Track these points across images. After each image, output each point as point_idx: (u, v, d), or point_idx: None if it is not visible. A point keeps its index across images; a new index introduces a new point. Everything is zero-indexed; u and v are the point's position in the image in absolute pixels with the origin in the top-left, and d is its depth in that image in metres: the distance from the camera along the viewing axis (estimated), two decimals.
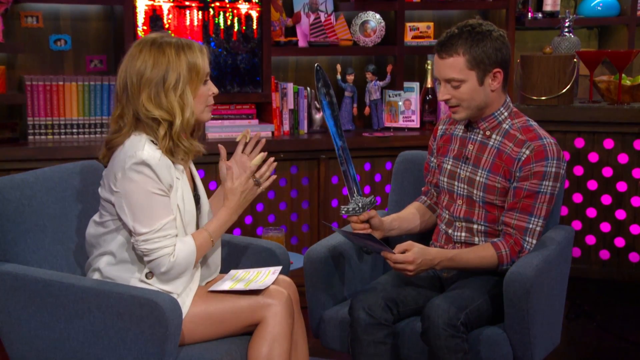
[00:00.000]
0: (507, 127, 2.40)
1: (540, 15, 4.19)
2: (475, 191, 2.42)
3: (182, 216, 2.19)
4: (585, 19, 4.29)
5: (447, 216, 2.50)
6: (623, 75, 3.47)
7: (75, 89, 3.54)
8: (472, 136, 2.45)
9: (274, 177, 2.32)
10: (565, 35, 3.68)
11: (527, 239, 2.36)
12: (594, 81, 3.55)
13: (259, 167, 2.31)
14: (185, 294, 2.18)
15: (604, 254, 3.52)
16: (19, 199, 2.23)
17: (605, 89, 3.51)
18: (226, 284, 2.23)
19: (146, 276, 2.16)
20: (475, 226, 2.44)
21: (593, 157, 3.48)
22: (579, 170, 3.50)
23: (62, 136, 3.54)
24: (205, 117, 2.24)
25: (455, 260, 2.36)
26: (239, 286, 2.20)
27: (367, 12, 3.94)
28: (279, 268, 2.32)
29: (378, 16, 3.94)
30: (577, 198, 3.52)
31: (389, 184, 3.80)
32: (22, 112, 3.56)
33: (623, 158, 3.44)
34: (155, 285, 2.15)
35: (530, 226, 2.35)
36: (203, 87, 2.20)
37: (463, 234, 2.46)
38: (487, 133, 2.42)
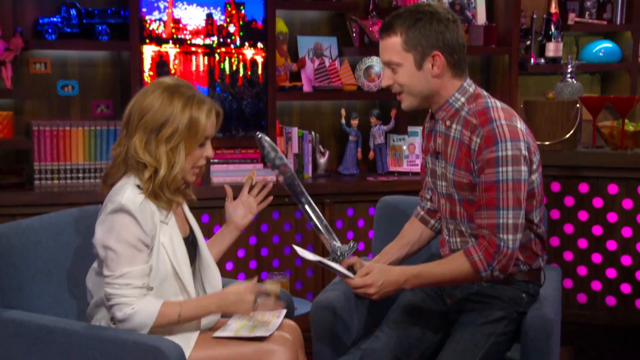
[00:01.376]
0: (464, 113, 2.19)
1: (542, 61, 4.22)
2: (451, 189, 2.24)
3: (172, 261, 2.15)
4: (588, 65, 4.32)
5: (442, 220, 2.36)
6: (626, 120, 3.49)
7: (82, 134, 3.57)
8: (438, 128, 2.27)
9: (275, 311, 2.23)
10: (568, 81, 3.71)
11: (502, 236, 2.10)
12: (597, 126, 3.56)
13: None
14: (186, 339, 2.16)
15: (610, 300, 3.50)
16: (24, 245, 2.24)
17: (609, 134, 3.52)
18: (230, 329, 2.22)
19: (111, 320, 2.13)
20: (462, 228, 2.26)
21: (597, 202, 3.47)
22: (583, 215, 3.50)
23: (68, 181, 3.56)
24: (189, 178, 2.19)
25: (424, 276, 2.14)
26: (244, 332, 2.19)
27: (371, 57, 3.98)
28: (284, 312, 2.30)
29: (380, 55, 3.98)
30: (582, 243, 3.51)
31: (372, 229, 3.78)
32: (28, 157, 3.59)
33: (628, 203, 3.43)
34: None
35: (501, 221, 2.10)
36: (198, 148, 2.16)
37: (458, 239, 2.29)
38: (447, 123, 2.22)
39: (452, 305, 2.35)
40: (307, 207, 2.40)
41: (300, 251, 2.21)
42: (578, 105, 3.51)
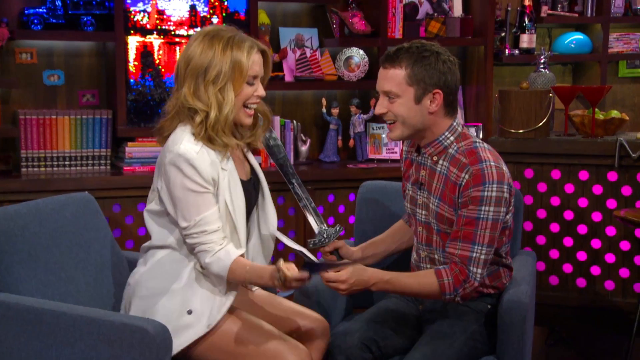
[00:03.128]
0: (452, 151, 2.25)
1: (517, 51, 4.24)
2: (431, 218, 2.29)
3: (228, 205, 2.14)
4: (560, 56, 4.35)
5: (414, 244, 2.41)
6: (596, 109, 3.52)
7: (68, 123, 3.54)
8: (423, 161, 2.32)
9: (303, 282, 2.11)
10: (541, 71, 3.73)
11: (472, 268, 2.18)
12: (569, 115, 3.59)
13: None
14: (219, 304, 2.15)
15: (581, 282, 3.54)
16: (12, 230, 2.22)
17: (580, 122, 3.55)
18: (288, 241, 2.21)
19: (200, 266, 2.14)
20: (436, 256, 2.32)
21: (569, 188, 3.50)
22: (555, 201, 3.53)
23: (55, 168, 3.53)
24: (244, 120, 2.15)
25: (393, 283, 2.19)
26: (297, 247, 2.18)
27: (351, 48, 3.98)
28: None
29: (362, 52, 3.98)
30: (555, 228, 3.54)
31: (352, 214, 3.79)
32: (15, 145, 3.56)
33: (598, 189, 3.47)
34: (207, 274, 2.14)
35: (474, 255, 2.18)
36: (248, 87, 2.13)
37: (428, 266, 2.34)
38: (435, 158, 2.27)
39: (423, 310, 2.41)
40: (298, 188, 2.41)
41: (282, 237, 2.22)
42: (551, 94, 3.54)
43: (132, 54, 3.59)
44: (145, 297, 2.17)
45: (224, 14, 3.71)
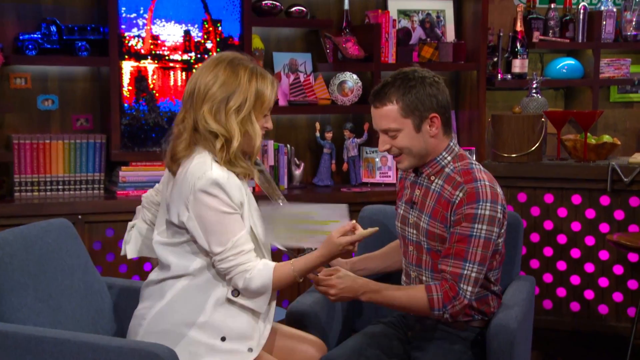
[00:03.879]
0: (449, 171, 2.25)
1: (509, 76, 4.25)
2: (421, 237, 2.29)
3: (257, 234, 2.13)
4: (552, 81, 4.36)
5: (404, 266, 2.40)
6: (588, 134, 3.52)
7: (62, 147, 3.53)
8: (420, 181, 2.32)
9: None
10: (533, 96, 3.74)
11: (462, 286, 2.16)
12: (561, 139, 3.59)
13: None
14: (255, 326, 2.14)
15: (575, 306, 3.51)
16: (1, 258, 2.18)
17: (572, 147, 3.55)
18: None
19: (232, 294, 2.10)
20: (424, 277, 2.29)
21: (562, 212, 3.49)
22: (549, 225, 3.52)
23: (48, 193, 3.51)
24: (259, 146, 2.18)
25: (382, 294, 2.19)
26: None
27: (345, 72, 3.98)
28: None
29: (355, 77, 3.99)
30: (548, 252, 3.53)
31: None
32: (9, 169, 3.53)
33: (590, 213, 3.46)
34: (240, 301, 2.10)
35: (465, 272, 2.16)
36: (262, 119, 2.14)
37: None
38: (432, 178, 2.28)
39: (412, 336, 2.38)
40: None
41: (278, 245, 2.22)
42: (543, 119, 3.54)
43: (126, 79, 3.58)
44: (168, 332, 2.11)
45: (218, 39, 3.71)
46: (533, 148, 3.50)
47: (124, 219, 3.48)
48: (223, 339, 2.10)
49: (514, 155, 3.51)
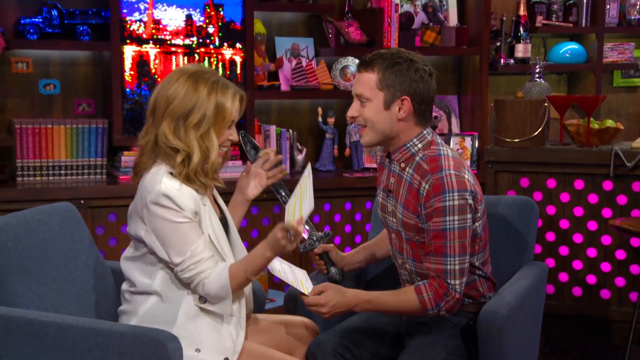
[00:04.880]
0: (418, 159, 2.23)
1: (512, 61, 4.23)
2: (399, 227, 2.28)
3: (215, 242, 2.13)
4: (555, 65, 4.34)
5: (391, 251, 2.40)
6: (591, 119, 3.51)
7: (64, 132, 3.52)
8: (392, 167, 2.30)
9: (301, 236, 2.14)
10: (536, 81, 3.72)
11: (450, 281, 2.16)
12: (564, 124, 3.58)
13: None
14: (229, 334, 2.14)
15: (577, 291, 3.52)
16: (5, 242, 2.18)
17: (575, 132, 3.54)
18: (276, 269, 2.22)
19: (199, 300, 2.11)
20: (407, 265, 2.30)
21: (564, 197, 3.49)
22: (551, 210, 3.51)
23: (50, 178, 3.51)
24: (216, 161, 2.15)
25: (374, 303, 2.20)
26: (289, 278, 2.21)
27: (347, 57, 3.97)
28: (309, 281, 2.26)
29: (357, 61, 3.97)
30: (550, 237, 3.53)
31: (370, 222, 3.79)
32: (11, 154, 3.53)
33: (593, 198, 3.45)
34: (208, 307, 2.11)
35: (449, 267, 2.15)
36: (225, 131, 2.12)
37: (406, 272, 2.33)
38: (402, 165, 2.26)
39: (406, 320, 2.39)
40: (286, 197, 2.39)
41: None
42: (546, 104, 3.53)
43: (128, 64, 3.57)
44: None
45: (219, 24, 3.70)
46: (536, 133, 3.49)
47: (126, 204, 3.47)
48: (197, 350, 2.10)
49: (516, 140, 3.50)
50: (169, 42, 3.63)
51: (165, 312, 2.11)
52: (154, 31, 3.60)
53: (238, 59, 3.74)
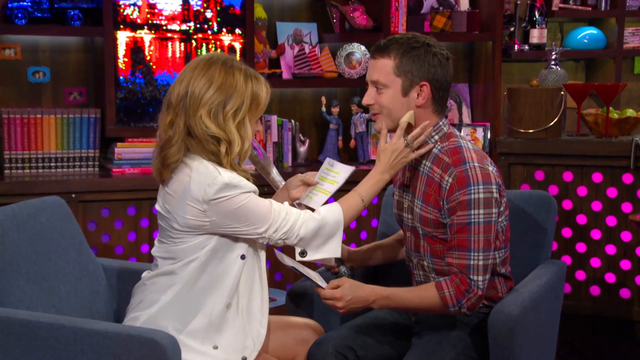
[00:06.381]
0: (436, 151, 2.25)
1: (526, 47, 4.22)
2: (416, 223, 2.29)
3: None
4: (572, 52, 4.33)
5: (406, 250, 2.40)
6: (610, 108, 3.50)
7: (54, 122, 3.52)
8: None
9: (430, 146, 2.24)
10: (552, 68, 3.71)
11: (472, 277, 2.17)
12: (582, 114, 3.57)
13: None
14: (249, 335, 2.17)
15: (595, 290, 3.51)
16: None
17: (593, 122, 3.53)
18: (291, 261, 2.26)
19: (300, 255, 2.18)
20: (425, 263, 2.31)
21: (582, 190, 3.48)
22: (567, 204, 3.51)
23: (40, 170, 3.51)
24: (248, 151, 2.18)
25: (393, 299, 2.20)
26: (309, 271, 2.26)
27: (352, 44, 3.96)
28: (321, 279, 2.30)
29: (363, 48, 3.96)
30: (567, 233, 3.52)
31: (376, 217, 3.79)
32: None
33: (612, 192, 3.45)
34: (311, 258, 2.19)
35: (472, 262, 2.17)
36: (254, 123, 2.16)
37: (421, 272, 2.34)
38: (419, 158, 2.28)
39: (416, 321, 2.39)
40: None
41: (281, 256, 2.27)
42: (562, 92, 3.52)
43: (121, 50, 3.57)
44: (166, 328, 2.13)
45: (218, 8, 3.69)
46: (551, 123, 3.49)
47: (120, 198, 3.52)
48: (215, 347, 2.12)
49: (531, 131, 3.50)
50: (164, 27, 3.62)
51: (190, 302, 2.12)
52: (148, 16, 3.59)
53: (237, 46, 3.73)
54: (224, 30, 3.71)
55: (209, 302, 2.12)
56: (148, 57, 3.61)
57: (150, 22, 3.60)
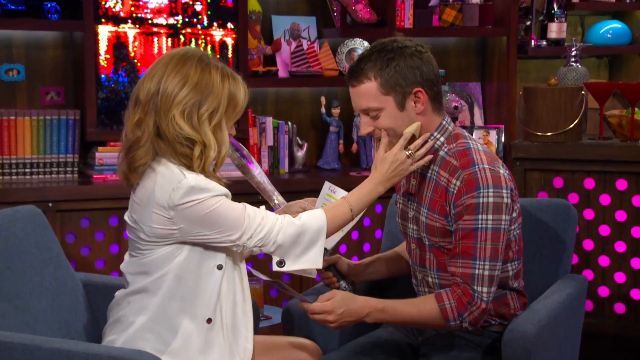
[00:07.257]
0: (443, 154, 2.25)
1: (544, 43, 4.23)
2: (422, 233, 2.28)
3: None
4: (594, 47, 4.34)
5: (411, 265, 2.40)
6: (636, 109, 3.50)
7: (29, 124, 3.53)
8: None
9: (430, 157, 2.24)
10: (572, 65, 3.72)
11: (476, 287, 2.14)
12: (605, 116, 3.57)
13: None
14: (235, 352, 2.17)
15: (619, 308, 3.52)
16: None
17: (617, 124, 3.54)
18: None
19: (278, 265, 2.16)
20: (430, 279, 2.30)
21: (605, 199, 3.49)
22: (589, 214, 3.51)
23: (14, 177, 3.52)
24: (225, 156, 2.18)
25: (388, 312, 2.18)
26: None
27: (354, 39, 3.97)
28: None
29: (366, 44, 3.97)
30: (588, 245, 3.53)
31: (380, 228, 3.80)
32: None
33: (637, 201, 3.45)
34: (289, 269, 2.17)
35: (477, 272, 2.14)
36: (230, 127, 2.16)
37: (426, 289, 2.33)
38: (426, 164, 2.27)
39: (423, 341, 2.38)
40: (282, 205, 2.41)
41: (256, 272, 2.27)
42: (583, 92, 3.53)
43: (103, 46, 3.58)
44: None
45: (208, 0, 3.70)
46: (571, 126, 3.50)
47: (101, 207, 3.52)
48: None
49: (549, 134, 3.51)
50: (150, 21, 3.64)
51: (168, 320, 2.11)
52: (133, 9, 3.61)
53: (229, 41, 3.75)
54: (215, 24, 3.72)
55: (187, 318, 2.11)
56: (132, 54, 3.63)
57: (134, 15, 3.61)
